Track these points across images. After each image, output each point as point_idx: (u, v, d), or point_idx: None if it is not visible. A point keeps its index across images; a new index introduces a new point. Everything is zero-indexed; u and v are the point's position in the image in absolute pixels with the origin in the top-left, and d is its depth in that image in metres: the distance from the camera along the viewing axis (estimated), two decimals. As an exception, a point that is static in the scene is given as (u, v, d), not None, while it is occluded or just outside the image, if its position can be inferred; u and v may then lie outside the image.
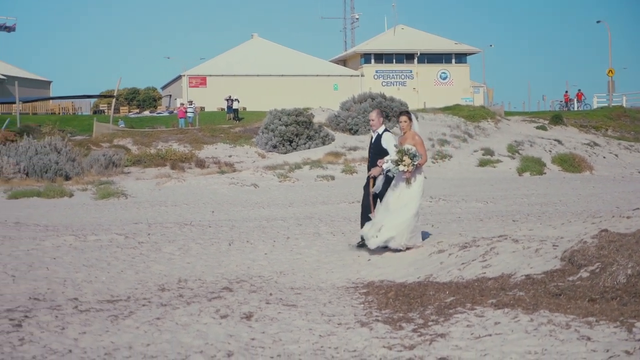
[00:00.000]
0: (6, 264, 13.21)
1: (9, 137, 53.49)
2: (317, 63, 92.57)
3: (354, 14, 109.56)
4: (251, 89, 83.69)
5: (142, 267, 13.09)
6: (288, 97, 78.18)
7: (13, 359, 7.18)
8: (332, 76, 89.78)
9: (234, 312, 9.05)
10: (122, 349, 7.52)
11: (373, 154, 13.62)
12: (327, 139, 54.93)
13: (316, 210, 23.28)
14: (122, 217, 23.15)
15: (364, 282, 11.32)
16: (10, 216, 23.49)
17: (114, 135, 58.04)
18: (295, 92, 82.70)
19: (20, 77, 78.00)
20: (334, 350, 7.41)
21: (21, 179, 40.71)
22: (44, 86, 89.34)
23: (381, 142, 13.53)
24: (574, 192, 30.86)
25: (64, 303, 9.92)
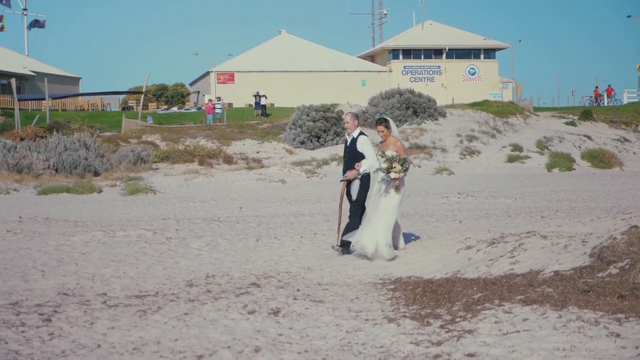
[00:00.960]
0: (36, 260, 13.31)
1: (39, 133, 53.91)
2: (345, 59, 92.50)
3: (382, 10, 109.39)
4: (279, 85, 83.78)
5: (170, 263, 13.14)
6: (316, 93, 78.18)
7: (43, 353, 7.23)
8: (360, 72, 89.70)
9: (261, 308, 9.06)
10: (151, 344, 7.55)
11: (348, 157, 13.27)
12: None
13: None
14: (151, 213, 23.25)
15: (392, 278, 11.29)
16: (40, 212, 23.65)
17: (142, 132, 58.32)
18: (323, 88, 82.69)
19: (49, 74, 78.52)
20: (361, 346, 7.40)
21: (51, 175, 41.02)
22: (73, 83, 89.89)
23: (356, 145, 13.17)
24: (603, 188, 30.66)
25: (92, 298, 9.97)
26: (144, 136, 56.98)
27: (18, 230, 18.02)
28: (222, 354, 7.15)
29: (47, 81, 68.39)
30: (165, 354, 7.20)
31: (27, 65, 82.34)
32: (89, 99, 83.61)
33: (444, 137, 55.16)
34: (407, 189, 30.34)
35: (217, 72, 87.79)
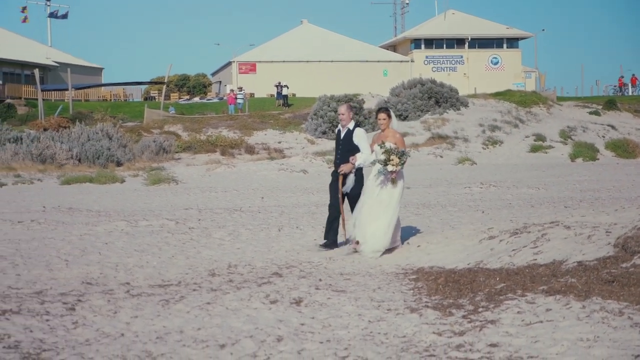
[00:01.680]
0: (60, 249, 13.39)
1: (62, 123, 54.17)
2: (367, 49, 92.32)
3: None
4: (301, 75, 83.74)
5: (193, 253, 13.19)
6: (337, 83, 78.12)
7: (67, 341, 7.28)
8: (382, 62, 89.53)
9: (283, 298, 9.08)
10: (173, 333, 7.58)
11: (343, 150, 12.84)
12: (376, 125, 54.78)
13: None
14: (173, 202, 23.33)
15: (414, 268, 11.28)
16: (64, 202, 23.78)
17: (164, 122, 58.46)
18: (345, 78, 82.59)
19: (72, 64, 78.82)
20: (383, 336, 7.40)
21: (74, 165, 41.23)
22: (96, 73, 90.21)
23: (353, 138, 12.81)
24: (627, 178, 30.49)
25: (116, 287, 10.02)
26: (166, 126, 57.11)
27: (42, 220, 18.14)
28: (245, 343, 7.17)
29: (70, 72, 68.67)
30: (188, 342, 7.23)
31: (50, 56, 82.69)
32: (111, 89, 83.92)
33: (466, 127, 54.98)
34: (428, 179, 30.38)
35: (239, 62, 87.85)
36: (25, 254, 12.99)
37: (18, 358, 6.73)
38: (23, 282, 10.45)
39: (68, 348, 7.05)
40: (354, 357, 6.71)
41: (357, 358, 6.68)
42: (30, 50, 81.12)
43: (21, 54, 77.82)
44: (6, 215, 19.57)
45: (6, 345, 7.10)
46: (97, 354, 6.86)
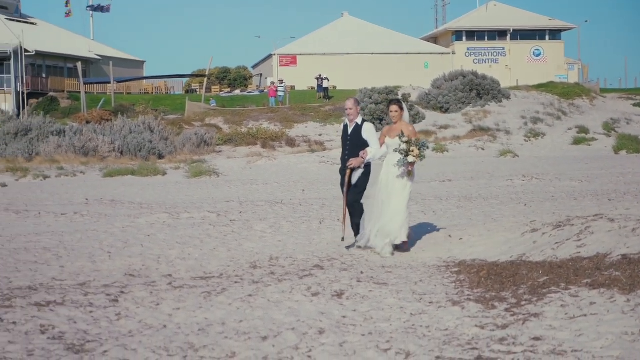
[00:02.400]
0: (102, 241, 13.51)
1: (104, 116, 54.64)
2: (408, 41, 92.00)
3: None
4: (341, 68, 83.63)
5: (234, 245, 13.23)
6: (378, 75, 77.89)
7: (110, 333, 7.33)
8: (423, 54, 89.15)
9: (325, 290, 9.07)
10: (216, 325, 7.61)
11: (351, 145, 12.44)
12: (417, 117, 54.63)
13: (407, 189, 23.14)
14: (214, 195, 23.43)
15: (456, 261, 11.22)
16: (106, 194, 23.99)
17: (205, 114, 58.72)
18: (386, 71, 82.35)
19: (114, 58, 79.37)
20: (425, 329, 7.37)
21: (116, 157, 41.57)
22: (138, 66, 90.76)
23: (361, 132, 12.44)
24: (672, 170, 30.09)
25: (158, 279, 10.08)
26: (207, 119, 57.35)
27: (85, 212, 18.32)
28: (287, 335, 7.18)
29: (112, 65, 69.17)
30: (230, 335, 7.25)
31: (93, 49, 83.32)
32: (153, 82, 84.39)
33: (508, 119, 54.63)
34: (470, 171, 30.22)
35: (280, 54, 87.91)
36: (68, 246, 13.12)
37: (62, 349, 6.79)
38: (67, 273, 10.56)
39: (111, 339, 7.10)
40: (396, 350, 6.69)
41: (399, 351, 6.65)
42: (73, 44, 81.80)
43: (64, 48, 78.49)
44: (50, 208, 19.78)
45: (50, 336, 7.17)
46: (140, 345, 6.90)
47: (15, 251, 12.49)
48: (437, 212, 16.98)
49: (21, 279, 10.05)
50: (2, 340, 6.94)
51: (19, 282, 9.81)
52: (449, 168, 32.56)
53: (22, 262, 11.49)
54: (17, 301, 8.35)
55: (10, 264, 11.31)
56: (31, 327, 7.40)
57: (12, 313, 7.81)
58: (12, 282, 9.88)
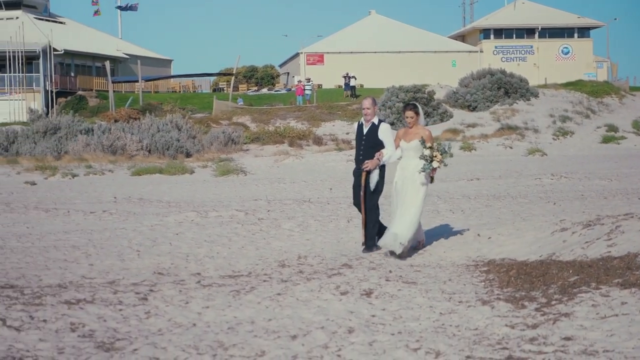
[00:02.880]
0: (131, 239, 13.56)
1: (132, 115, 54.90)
2: (435, 39, 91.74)
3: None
4: (369, 66, 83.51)
5: (263, 244, 13.24)
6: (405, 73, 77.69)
7: (140, 331, 7.35)
8: (450, 52, 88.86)
9: (354, 289, 9.05)
10: (245, 324, 7.61)
11: (366, 146, 12.16)
12: (445, 115, 54.49)
13: (434, 188, 23.03)
14: (242, 193, 23.46)
15: (484, 260, 11.16)
16: (134, 192, 24.09)
17: (233, 113, 58.82)
18: (413, 69, 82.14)
19: (142, 56, 79.71)
20: (455, 328, 7.33)
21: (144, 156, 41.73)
22: (165, 65, 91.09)
23: (378, 133, 12.13)
24: (702, 169, 29.82)
25: (187, 278, 10.10)
26: (235, 117, 57.45)
27: (113, 211, 18.41)
28: (316, 334, 7.16)
29: (140, 63, 69.48)
30: (259, 333, 7.25)
31: (121, 48, 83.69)
32: (180, 80, 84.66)
33: (536, 117, 54.33)
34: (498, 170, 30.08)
35: (307, 53, 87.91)
36: (97, 244, 13.19)
37: (92, 347, 6.81)
38: (96, 271, 10.61)
39: (141, 337, 7.12)
40: (426, 349, 6.66)
41: (429, 350, 6.63)
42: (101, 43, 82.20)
43: (93, 47, 78.90)
44: (79, 206, 19.90)
45: (81, 334, 7.20)
46: (169, 343, 6.91)
47: (44, 249, 12.58)
48: (465, 211, 16.91)
49: (51, 277, 10.11)
50: (33, 338, 6.98)
51: (48, 280, 9.88)
52: (477, 167, 32.43)
53: (51, 260, 11.56)
54: (47, 299, 8.40)
55: (40, 261, 11.39)
56: (61, 325, 7.44)
57: (43, 311, 7.86)
58: (42, 279, 9.95)
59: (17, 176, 32.23)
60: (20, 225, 16.33)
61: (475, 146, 43.50)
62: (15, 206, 19.92)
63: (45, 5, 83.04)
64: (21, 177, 31.65)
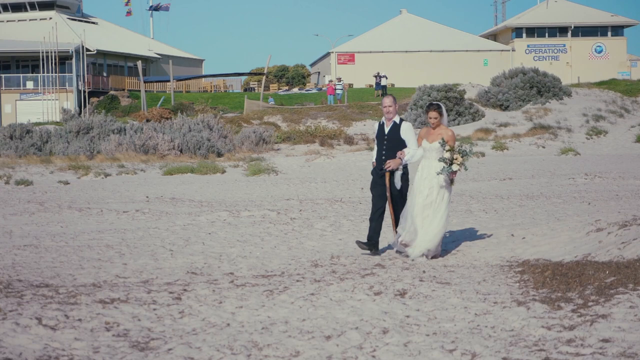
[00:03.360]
0: (164, 239, 13.60)
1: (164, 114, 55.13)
2: (467, 38, 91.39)
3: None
4: (400, 65, 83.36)
5: (295, 243, 13.23)
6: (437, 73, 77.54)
7: (174, 331, 7.35)
8: (482, 51, 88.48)
9: (387, 289, 9.00)
10: (279, 324, 7.59)
11: (389, 145, 11.91)
12: (477, 115, 54.25)
13: (466, 187, 23.00)
14: (273, 193, 23.46)
15: (519, 260, 11.07)
16: (166, 192, 24.15)
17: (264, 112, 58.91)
18: (444, 68, 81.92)
19: (174, 56, 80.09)
20: (490, 329, 7.27)
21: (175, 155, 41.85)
22: (197, 64, 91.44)
23: (400, 132, 11.91)
24: None
25: (220, 277, 10.10)
26: (266, 117, 57.54)
27: (146, 210, 18.46)
28: (350, 335, 7.13)
29: (171, 63, 69.77)
30: (293, 333, 7.23)
31: (153, 48, 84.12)
32: (211, 80, 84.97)
33: (569, 117, 53.92)
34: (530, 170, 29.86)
35: (338, 52, 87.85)
36: (131, 243, 13.23)
37: (127, 346, 6.82)
38: (130, 271, 10.64)
39: (175, 337, 7.12)
40: (462, 350, 6.61)
41: (464, 352, 6.57)
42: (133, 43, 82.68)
43: (125, 47, 79.38)
44: (112, 205, 19.98)
45: (115, 333, 7.21)
46: (204, 343, 6.91)
47: (78, 248, 12.64)
48: (498, 210, 16.80)
49: (85, 276, 10.16)
50: (69, 337, 7.01)
51: (83, 279, 9.92)
52: (509, 166, 32.22)
53: (85, 259, 11.62)
54: (82, 298, 8.43)
55: (74, 261, 11.44)
56: (96, 324, 7.46)
57: (77, 310, 7.88)
58: (77, 279, 9.99)
59: (50, 175, 32.43)
60: (54, 224, 16.42)
61: (507, 145, 43.22)
62: (49, 205, 20.04)
63: (78, 5, 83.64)
64: (54, 177, 31.85)
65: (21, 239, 14.02)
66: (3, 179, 30.03)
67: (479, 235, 13.24)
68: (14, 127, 47.54)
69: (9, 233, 14.94)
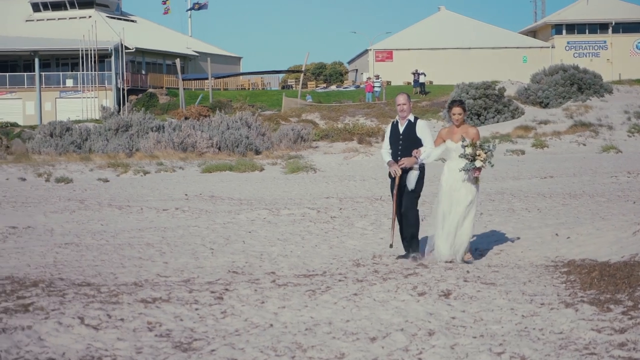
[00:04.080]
0: (204, 237, 13.56)
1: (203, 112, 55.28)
2: (506, 35, 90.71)
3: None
4: (438, 63, 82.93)
5: (336, 242, 13.12)
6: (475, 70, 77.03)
7: (217, 331, 7.27)
8: (521, 48, 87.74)
9: (431, 290, 8.86)
10: (322, 325, 7.48)
11: (404, 145, 11.29)
12: (516, 112, 53.85)
13: (507, 186, 22.77)
14: (312, 191, 23.38)
15: (564, 260, 10.88)
16: (205, 189, 24.17)
17: (302, 110, 58.90)
18: (483, 65, 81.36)
19: (211, 54, 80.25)
20: (538, 331, 7.11)
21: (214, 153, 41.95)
22: (235, 62, 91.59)
23: (416, 130, 11.31)
24: None
25: (261, 277, 10.02)
26: (304, 115, 57.51)
27: (186, 208, 18.46)
28: (396, 336, 7.00)
29: (209, 61, 69.90)
30: (337, 335, 7.11)
31: (191, 46, 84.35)
32: (249, 78, 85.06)
33: (611, 114, 53.38)
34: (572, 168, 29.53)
35: (376, 50, 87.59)
36: (171, 241, 13.21)
37: (170, 347, 6.75)
38: (171, 270, 10.59)
39: (218, 338, 7.04)
40: (510, 353, 6.46)
41: (513, 355, 6.42)
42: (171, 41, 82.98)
43: (163, 45, 79.71)
44: (151, 203, 20.01)
45: (158, 333, 7.15)
46: (247, 344, 6.82)
47: (119, 247, 12.63)
48: (541, 209, 16.56)
49: (126, 275, 10.12)
50: (111, 337, 6.95)
51: (124, 278, 9.88)
52: (550, 164, 31.90)
53: (126, 257, 11.59)
54: (124, 297, 8.38)
55: (115, 259, 11.42)
56: (139, 324, 7.40)
57: (120, 309, 7.83)
58: (118, 277, 9.96)
59: (90, 173, 32.62)
60: (94, 222, 16.45)
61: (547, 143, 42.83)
62: (89, 203, 20.12)
63: (117, 4, 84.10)
64: (94, 174, 32.03)
65: (62, 237, 14.06)
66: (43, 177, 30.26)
67: (522, 234, 13.06)
68: (54, 125, 47.93)
69: (50, 231, 14.98)
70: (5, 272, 10.22)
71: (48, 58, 74.22)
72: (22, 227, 15.43)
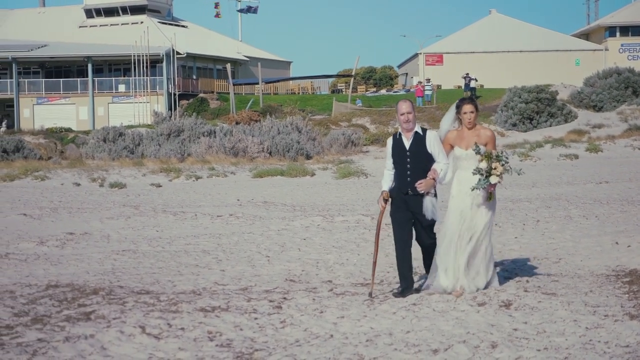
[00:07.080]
0: (260, 244, 13.56)
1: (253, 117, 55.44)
2: (558, 38, 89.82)
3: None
4: (489, 66, 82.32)
5: (391, 250, 12.97)
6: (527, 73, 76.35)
7: (277, 341, 7.25)
8: (574, 51, 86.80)
9: (491, 300, 8.75)
10: (383, 336, 7.42)
11: (414, 163, 9.45)
12: (569, 116, 53.24)
13: (562, 191, 22.49)
14: (364, 196, 23.30)
15: (625, 270, 10.68)
16: (257, 195, 24.20)
17: (352, 114, 58.81)
18: (535, 69, 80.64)
19: (262, 59, 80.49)
20: (604, 344, 6.98)
21: (265, 158, 42.01)
22: (284, 67, 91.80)
23: (426, 144, 9.50)
24: None
25: (319, 285, 9.98)
26: (354, 119, 57.44)
27: (239, 214, 18.48)
28: (458, 348, 6.92)
29: (260, 66, 70.12)
30: (399, 346, 7.05)
31: (241, 51, 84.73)
32: (299, 82, 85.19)
33: (667, 117, 52.59)
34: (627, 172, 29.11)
35: (426, 53, 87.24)
36: (227, 248, 13.22)
37: (231, 357, 6.75)
38: (228, 278, 10.60)
39: (279, 348, 7.02)
40: (576, 367, 6.35)
41: (579, 369, 6.32)
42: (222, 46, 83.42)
43: (213, 50, 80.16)
44: (205, 209, 20.07)
45: (219, 343, 7.14)
46: (308, 355, 6.79)
47: (176, 254, 12.68)
48: (599, 216, 16.30)
49: (184, 283, 10.14)
50: (173, 346, 6.96)
51: (182, 286, 9.90)
52: (605, 169, 31.46)
53: (183, 265, 11.63)
54: (183, 306, 8.40)
55: (173, 267, 11.46)
56: (199, 333, 7.41)
57: (180, 319, 7.84)
58: (176, 285, 9.98)
59: (142, 178, 32.85)
60: (149, 228, 16.55)
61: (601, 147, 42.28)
62: (144, 209, 20.24)
63: (169, 9, 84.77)
64: (147, 179, 32.25)
65: (119, 244, 14.15)
66: (97, 182, 30.55)
67: (581, 242, 12.87)
68: (107, 130, 48.39)
69: (106, 237, 15.10)
70: (65, 279, 10.30)
71: (101, 64, 75.04)
72: (79, 233, 15.58)
